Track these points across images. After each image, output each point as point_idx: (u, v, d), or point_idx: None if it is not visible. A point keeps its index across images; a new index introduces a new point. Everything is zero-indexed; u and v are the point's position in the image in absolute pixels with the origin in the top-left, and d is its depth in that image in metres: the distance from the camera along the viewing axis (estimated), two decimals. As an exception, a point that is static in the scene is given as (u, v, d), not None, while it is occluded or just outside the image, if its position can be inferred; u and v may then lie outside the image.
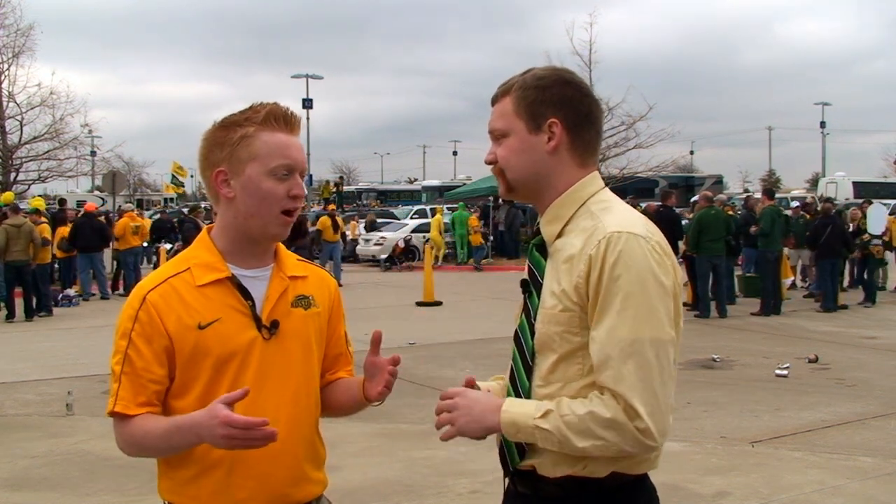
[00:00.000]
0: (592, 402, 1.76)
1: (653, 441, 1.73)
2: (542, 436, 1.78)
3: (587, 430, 1.74)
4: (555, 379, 1.84)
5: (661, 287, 1.77)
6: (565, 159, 1.91)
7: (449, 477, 5.56)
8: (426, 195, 44.31)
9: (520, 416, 1.80)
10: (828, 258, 14.13)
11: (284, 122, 1.97)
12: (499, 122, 1.95)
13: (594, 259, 1.77)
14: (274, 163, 1.92)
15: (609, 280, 1.75)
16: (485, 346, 10.46)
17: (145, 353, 1.89)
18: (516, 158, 1.92)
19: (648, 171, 25.67)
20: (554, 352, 1.84)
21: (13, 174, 25.00)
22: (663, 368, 1.76)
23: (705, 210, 13.88)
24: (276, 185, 1.93)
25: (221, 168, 1.94)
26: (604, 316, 1.75)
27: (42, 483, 5.72)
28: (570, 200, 1.91)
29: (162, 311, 1.90)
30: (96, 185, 44.79)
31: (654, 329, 1.75)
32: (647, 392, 1.72)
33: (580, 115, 1.92)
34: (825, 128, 64.36)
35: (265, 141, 1.93)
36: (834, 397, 8.03)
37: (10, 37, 24.79)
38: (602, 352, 1.75)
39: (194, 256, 1.99)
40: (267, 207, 1.93)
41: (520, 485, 1.94)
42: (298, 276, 2.06)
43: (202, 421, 1.77)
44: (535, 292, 1.91)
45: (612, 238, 1.77)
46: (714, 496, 5.27)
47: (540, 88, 1.91)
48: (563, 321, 1.82)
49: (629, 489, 1.87)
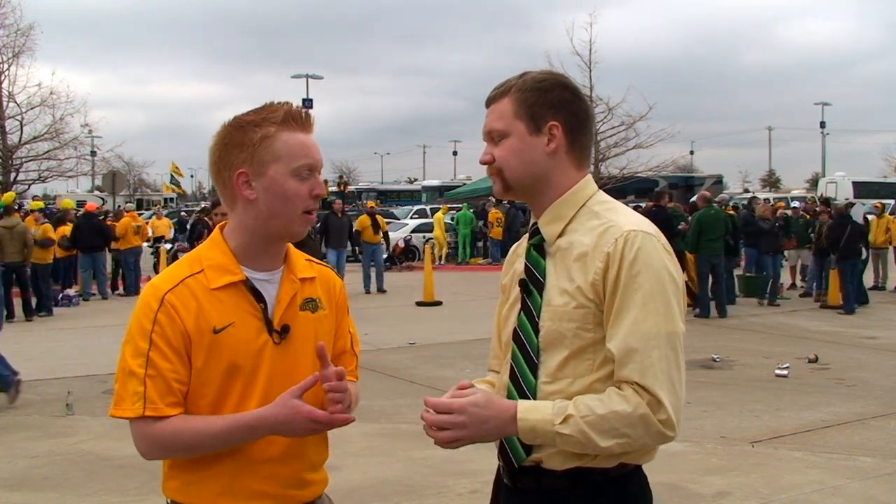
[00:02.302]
0: (612, 398, 1.78)
1: (672, 432, 1.78)
2: (564, 440, 1.79)
3: (611, 429, 1.76)
4: (565, 375, 1.86)
5: (674, 283, 1.84)
6: (563, 161, 1.95)
7: (449, 477, 5.56)
8: (426, 195, 44.26)
9: (538, 423, 1.80)
10: (849, 259, 13.92)
11: (302, 121, 1.96)
12: (498, 122, 1.96)
13: (612, 256, 1.81)
14: (297, 163, 1.92)
15: (628, 277, 1.79)
16: (485, 346, 10.31)
17: (168, 353, 1.87)
18: (516, 159, 1.94)
19: (648, 171, 25.66)
20: (565, 348, 1.86)
21: (13, 174, 24.98)
22: (679, 361, 1.82)
23: (705, 210, 13.87)
24: (299, 185, 1.93)
25: (242, 170, 1.92)
26: (625, 311, 1.79)
27: (42, 483, 5.72)
28: (572, 201, 1.94)
29: (181, 312, 1.88)
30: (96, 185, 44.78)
31: (670, 323, 1.81)
32: (669, 384, 1.77)
33: (578, 119, 1.96)
34: (825, 128, 64.36)
35: (286, 141, 1.92)
36: (834, 397, 8.03)
37: (10, 37, 24.75)
38: (625, 346, 1.78)
39: (208, 257, 1.97)
40: (291, 207, 1.93)
41: (521, 481, 1.93)
42: (307, 277, 2.06)
43: (280, 416, 1.83)
44: (535, 291, 1.92)
45: (629, 236, 1.82)
46: (714, 496, 5.27)
47: (540, 91, 1.94)
48: (577, 318, 1.84)
49: (629, 476, 1.91)
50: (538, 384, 1.89)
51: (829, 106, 64.96)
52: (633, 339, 1.77)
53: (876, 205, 18.24)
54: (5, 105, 24.76)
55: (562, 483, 1.87)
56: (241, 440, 1.89)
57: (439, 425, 1.84)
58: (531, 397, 1.88)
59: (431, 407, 1.86)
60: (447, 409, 1.84)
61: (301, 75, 45.72)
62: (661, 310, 1.79)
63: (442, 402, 1.85)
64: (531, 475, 1.90)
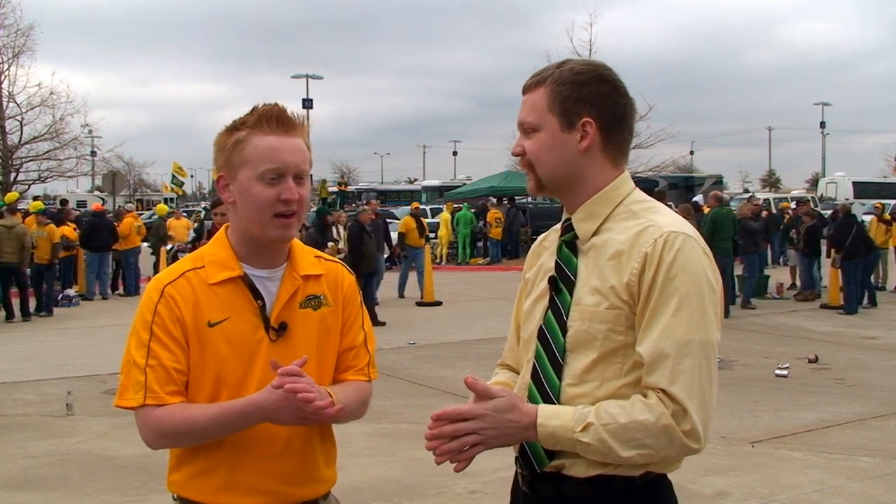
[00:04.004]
0: (635, 406, 1.71)
1: (697, 444, 1.70)
2: (584, 448, 1.72)
3: (632, 438, 1.69)
4: (591, 378, 1.79)
5: (712, 289, 1.76)
6: (598, 158, 1.86)
7: (449, 477, 5.55)
8: (426, 195, 44.26)
9: (559, 429, 1.73)
10: (853, 259, 13.87)
11: (278, 123, 1.93)
12: (530, 115, 1.87)
13: (650, 257, 1.74)
14: (262, 167, 1.91)
15: (665, 279, 1.72)
16: (485, 346, 10.44)
17: (169, 343, 1.90)
18: (547, 155, 1.86)
19: (648, 171, 25.67)
20: (594, 350, 1.78)
21: (13, 174, 24.99)
22: (711, 371, 1.74)
23: (718, 209, 13.87)
24: (264, 189, 1.91)
25: (222, 173, 1.97)
26: (658, 315, 1.72)
27: (42, 483, 5.72)
28: (607, 199, 1.86)
29: (179, 303, 1.92)
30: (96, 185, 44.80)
31: (705, 331, 1.73)
32: (699, 394, 1.70)
33: (615, 115, 1.86)
34: (825, 128, 64.39)
35: (255, 145, 1.92)
36: (834, 397, 8.03)
37: (10, 37, 24.79)
38: (655, 350, 1.71)
39: (210, 254, 2.01)
40: (258, 213, 1.93)
41: (540, 488, 1.86)
42: (312, 274, 2.05)
43: (270, 402, 1.82)
44: (565, 289, 1.85)
45: (669, 237, 1.75)
46: (714, 496, 5.27)
47: (576, 84, 1.84)
48: (609, 319, 1.77)
49: (654, 484, 1.83)
50: (562, 386, 1.81)
51: (829, 106, 65.14)
52: (664, 343, 1.70)
53: (876, 205, 18.25)
54: (5, 105, 24.79)
55: (584, 491, 1.79)
56: (238, 426, 1.89)
57: (454, 434, 1.74)
58: (554, 399, 1.81)
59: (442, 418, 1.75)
60: (460, 415, 1.75)
61: (301, 75, 45.75)
62: (697, 316, 1.71)
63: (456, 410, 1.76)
64: (552, 482, 1.83)
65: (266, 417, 1.85)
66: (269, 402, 1.82)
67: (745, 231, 15.10)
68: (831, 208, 21.08)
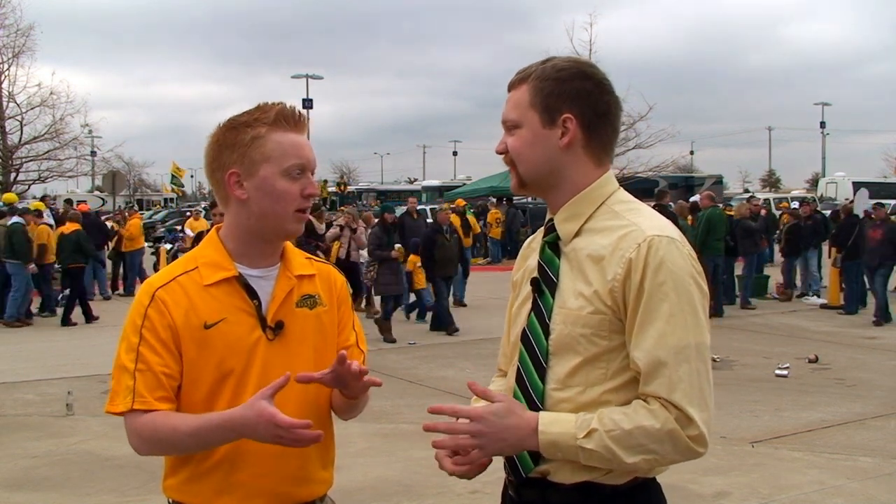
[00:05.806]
0: (638, 412, 1.69)
1: (703, 448, 1.69)
2: (587, 455, 1.70)
3: (637, 444, 1.67)
4: (575, 383, 1.76)
5: (700, 291, 1.74)
6: (580, 157, 1.83)
7: (449, 477, 5.54)
8: (426, 195, 44.26)
9: (560, 436, 1.71)
10: (855, 259, 13.81)
11: (294, 121, 1.97)
12: (512, 112, 1.86)
13: (635, 263, 1.71)
14: (288, 163, 1.93)
15: (653, 285, 1.69)
16: (485, 346, 10.44)
17: (158, 348, 1.89)
18: (528, 151, 1.84)
19: (648, 171, 25.61)
20: (577, 354, 1.76)
21: (13, 174, 24.97)
22: (709, 373, 1.73)
23: (712, 209, 13.88)
24: (290, 184, 1.94)
25: (234, 170, 1.94)
26: (650, 322, 1.69)
27: (42, 483, 5.72)
28: (589, 198, 1.83)
29: (170, 307, 1.90)
30: (96, 186, 44.79)
31: (699, 334, 1.72)
32: (700, 398, 1.69)
33: (597, 113, 1.83)
34: (825, 128, 64.36)
35: (278, 141, 1.93)
36: (834, 397, 8.03)
37: (10, 37, 24.73)
38: (652, 358, 1.68)
39: (203, 255, 2.00)
40: (282, 207, 1.94)
41: (526, 494, 1.84)
42: (305, 274, 2.06)
43: (246, 418, 1.77)
44: (547, 291, 1.83)
45: (652, 242, 1.71)
46: (714, 496, 5.27)
47: (558, 81, 1.82)
48: (593, 324, 1.75)
49: (642, 488, 1.81)
50: (546, 390, 1.79)
51: (829, 106, 65.04)
52: (661, 351, 1.68)
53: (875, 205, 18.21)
54: (5, 105, 24.73)
55: (569, 497, 1.77)
56: (217, 440, 1.86)
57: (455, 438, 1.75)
58: (539, 403, 1.78)
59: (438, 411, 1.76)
60: (459, 415, 1.75)
61: (301, 75, 45.75)
62: (690, 320, 1.70)
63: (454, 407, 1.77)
64: (537, 488, 1.81)
65: (244, 435, 1.81)
66: (247, 419, 1.78)
67: (744, 231, 15.09)
68: (831, 208, 21.10)
